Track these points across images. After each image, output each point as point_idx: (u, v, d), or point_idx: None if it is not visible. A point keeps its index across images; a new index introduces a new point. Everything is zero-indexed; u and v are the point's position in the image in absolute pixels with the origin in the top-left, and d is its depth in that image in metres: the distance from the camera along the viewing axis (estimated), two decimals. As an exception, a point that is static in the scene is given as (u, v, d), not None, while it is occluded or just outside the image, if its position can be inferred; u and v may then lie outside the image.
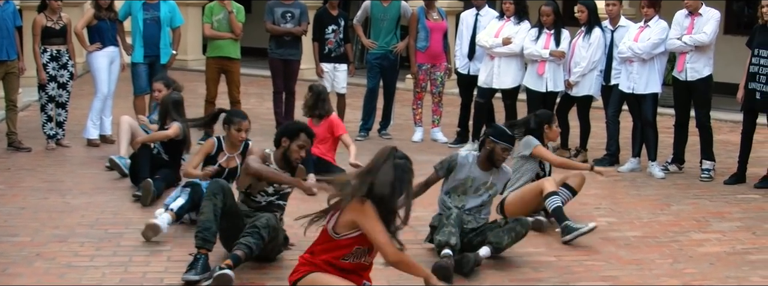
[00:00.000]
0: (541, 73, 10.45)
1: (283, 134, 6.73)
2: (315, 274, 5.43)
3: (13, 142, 10.78)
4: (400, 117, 13.01)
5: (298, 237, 6.42)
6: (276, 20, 11.79)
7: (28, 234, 7.39)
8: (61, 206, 8.27)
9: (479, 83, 11.01)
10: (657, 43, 9.75)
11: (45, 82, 10.69)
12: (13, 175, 9.54)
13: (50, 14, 10.70)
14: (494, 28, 10.79)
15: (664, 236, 7.72)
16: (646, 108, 9.90)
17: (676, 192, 9.33)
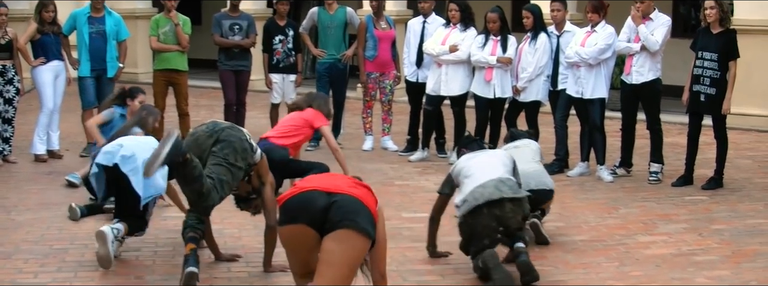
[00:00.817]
0: (489, 80, 10.47)
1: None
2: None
3: (-7, 156, 10.66)
4: (350, 126, 12.99)
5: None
6: (224, 32, 11.78)
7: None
8: (5, 223, 8.17)
9: (427, 91, 11.02)
10: (604, 49, 9.82)
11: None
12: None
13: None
14: (441, 36, 10.81)
15: (611, 239, 7.76)
16: (594, 112, 9.96)
17: (624, 195, 9.38)
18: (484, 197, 6.46)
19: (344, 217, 5.01)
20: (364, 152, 11.64)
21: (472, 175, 6.72)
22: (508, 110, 10.72)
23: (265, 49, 11.95)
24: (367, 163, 10.91)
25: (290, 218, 5.14)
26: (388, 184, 9.75)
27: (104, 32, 11.14)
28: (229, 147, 6.44)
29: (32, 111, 11.80)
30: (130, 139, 7.08)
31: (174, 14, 11.40)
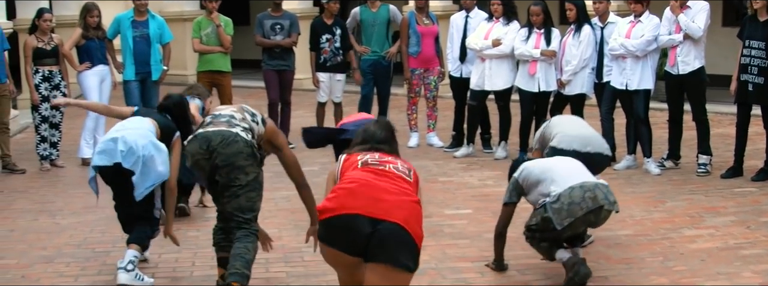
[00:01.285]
0: (533, 74, 10.37)
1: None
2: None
3: (8, 164, 10.78)
4: (395, 123, 12.66)
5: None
6: (266, 32, 11.79)
7: (14, 257, 7.36)
8: (50, 227, 8.24)
9: (471, 86, 10.93)
10: (650, 40, 9.67)
11: (37, 103, 10.69)
12: (6, 197, 9.52)
13: (41, 35, 10.72)
14: (484, 30, 10.72)
15: (655, 233, 7.62)
16: (638, 104, 9.81)
17: (671, 188, 9.22)
18: (587, 204, 6.12)
19: (386, 251, 4.76)
20: (410, 148, 11.56)
21: (558, 175, 6.33)
22: (553, 104, 10.59)
23: (312, 48, 11.94)
24: (412, 159, 10.71)
25: (330, 240, 4.92)
26: (431, 181, 9.68)
27: (148, 36, 11.21)
28: (233, 170, 5.89)
29: (79, 116, 11.89)
30: (122, 130, 6.51)
31: (216, 16, 11.44)
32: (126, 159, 6.32)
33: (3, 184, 10.18)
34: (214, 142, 5.84)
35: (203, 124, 6.12)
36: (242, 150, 5.86)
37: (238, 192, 5.88)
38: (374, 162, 5.19)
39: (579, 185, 6.17)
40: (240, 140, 5.87)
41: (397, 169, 5.17)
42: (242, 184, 5.88)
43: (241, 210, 5.92)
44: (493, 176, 9.93)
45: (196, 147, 5.91)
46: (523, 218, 6.70)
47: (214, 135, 5.88)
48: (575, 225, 6.19)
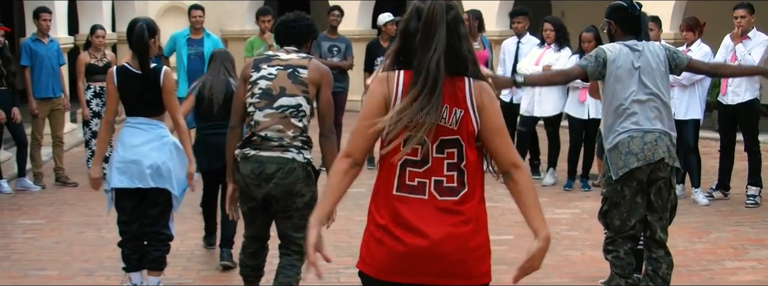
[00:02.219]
0: (583, 100, 10.32)
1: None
2: None
3: (60, 177, 10.99)
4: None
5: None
6: (323, 54, 11.90)
7: (57, 268, 7.49)
8: (94, 240, 8.37)
9: (521, 112, 10.92)
10: None
11: (88, 119, 10.88)
12: (55, 209, 9.70)
13: (94, 52, 10.91)
14: (535, 56, 10.72)
15: (697, 264, 7.53)
16: (687, 134, 9.70)
17: (718, 219, 9.11)
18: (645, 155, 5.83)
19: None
20: (459, 173, 11.54)
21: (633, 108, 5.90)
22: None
23: (366, 69, 12.05)
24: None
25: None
26: (477, 205, 9.65)
27: (202, 54, 11.35)
28: (291, 196, 5.67)
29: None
30: (136, 146, 6.31)
31: (268, 36, 11.55)
32: (155, 180, 6.29)
33: (54, 196, 10.38)
34: (269, 170, 5.59)
35: (252, 141, 5.72)
36: (299, 176, 5.63)
37: (293, 214, 5.74)
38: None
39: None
40: (297, 167, 5.62)
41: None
42: (299, 206, 5.72)
43: (294, 229, 5.76)
44: (539, 203, 9.87)
45: (248, 171, 5.63)
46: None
47: (268, 161, 5.60)
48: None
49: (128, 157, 6.29)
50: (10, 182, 10.73)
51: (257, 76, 5.66)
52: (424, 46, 3.67)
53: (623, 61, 5.84)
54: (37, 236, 8.56)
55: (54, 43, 11.06)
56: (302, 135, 5.66)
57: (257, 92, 5.63)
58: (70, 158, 11.87)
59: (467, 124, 3.69)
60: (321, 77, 5.66)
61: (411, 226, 3.66)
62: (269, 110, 5.59)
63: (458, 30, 3.71)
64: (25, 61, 10.79)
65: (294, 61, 5.66)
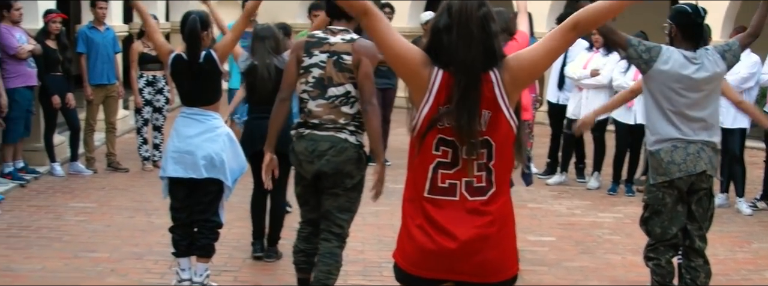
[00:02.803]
0: (630, 106, 10.33)
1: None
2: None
3: (112, 162, 11.20)
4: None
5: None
6: (373, 50, 11.98)
7: (107, 251, 7.67)
8: (144, 225, 8.54)
9: (568, 115, 10.97)
10: (746, 78, 9.58)
11: (140, 106, 11.07)
12: (107, 194, 9.89)
13: (147, 40, 11.07)
14: (583, 60, 10.76)
15: (736, 274, 7.57)
16: (733, 142, 9.72)
17: (761, 229, 9.12)
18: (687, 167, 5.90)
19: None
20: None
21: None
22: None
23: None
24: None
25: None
26: (520, 206, 9.70)
27: (255, 46, 11.47)
28: (341, 175, 5.82)
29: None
30: (191, 137, 6.43)
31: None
32: (209, 171, 6.43)
33: (105, 181, 10.58)
34: (322, 147, 5.75)
35: (307, 122, 5.84)
36: (351, 156, 5.78)
37: (340, 192, 5.87)
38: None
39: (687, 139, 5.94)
40: (349, 147, 5.78)
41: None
42: (347, 187, 5.86)
43: (339, 209, 5.89)
44: (582, 206, 9.96)
45: (303, 148, 5.81)
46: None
47: (322, 139, 5.76)
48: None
49: (182, 147, 6.43)
50: (62, 165, 10.96)
51: (309, 62, 5.77)
52: (457, 43, 3.67)
53: (675, 67, 5.81)
54: (89, 219, 8.75)
55: (110, 31, 11.27)
56: (354, 120, 5.79)
57: (311, 81, 5.77)
58: (121, 144, 12.08)
59: (500, 125, 3.69)
60: (363, 54, 5.72)
61: (441, 227, 3.69)
62: (321, 101, 5.75)
63: (489, 27, 3.70)
64: (81, 48, 11.00)
65: (339, 47, 5.74)
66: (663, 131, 5.93)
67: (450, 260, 3.69)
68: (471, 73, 3.63)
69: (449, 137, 3.67)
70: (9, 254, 7.49)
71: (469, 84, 3.63)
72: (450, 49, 3.66)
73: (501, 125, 3.69)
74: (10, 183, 9.89)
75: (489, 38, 3.69)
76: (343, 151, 5.75)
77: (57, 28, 10.37)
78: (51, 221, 8.62)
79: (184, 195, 6.59)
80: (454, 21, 3.68)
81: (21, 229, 8.29)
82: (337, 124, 5.76)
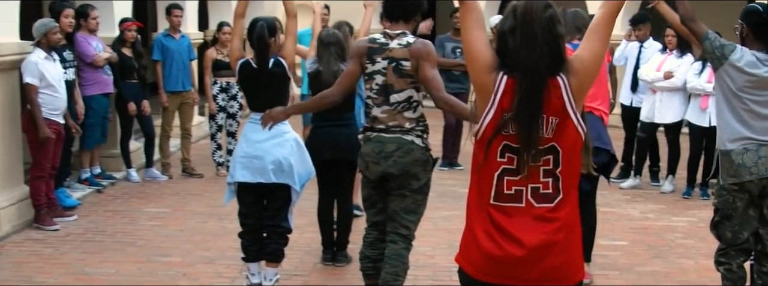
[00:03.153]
0: (705, 108, 10.21)
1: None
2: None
3: (187, 168, 11.36)
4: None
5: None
6: (446, 55, 12.01)
7: (179, 255, 7.79)
8: (217, 230, 8.65)
9: (641, 118, 10.86)
10: None
11: (214, 113, 11.21)
12: (181, 199, 10.04)
13: (221, 48, 11.21)
14: (656, 62, 10.64)
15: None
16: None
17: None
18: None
19: None
20: (577, 176, 11.53)
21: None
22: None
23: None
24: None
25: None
26: (592, 210, 9.67)
27: (327, 52, 11.56)
28: (407, 177, 5.89)
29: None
30: (259, 142, 6.52)
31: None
32: (277, 176, 6.52)
33: (180, 186, 10.74)
34: (389, 148, 5.83)
35: (374, 127, 5.93)
36: (418, 158, 5.85)
37: (407, 194, 5.92)
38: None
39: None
40: (415, 148, 5.85)
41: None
42: (414, 188, 5.91)
43: (405, 211, 5.94)
44: (655, 210, 9.85)
45: (369, 149, 5.89)
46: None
47: (389, 141, 5.85)
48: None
49: (251, 152, 6.53)
50: (138, 171, 11.15)
51: (373, 69, 5.84)
52: (521, 45, 3.62)
53: (746, 65, 5.74)
54: (162, 223, 8.89)
55: (185, 39, 11.44)
56: (419, 124, 5.88)
57: (375, 88, 5.86)
58: (196, 150, 12.26)
59: (568, 132, 3.65)
60: (419, 57, 5.73)
61: (508, 233, 3.66)
62: (385, 107, 5.84)
63: (555, 29, 3.66)
64: (157, 55, 11.19)
65: (396, 53, 5.77)
66: (734, 130, 5.84)
67: (516, 267, 3.66)
68: (534, 76, 3.58)
69: (514, 144, 3.63)
70: (84, 258, 7.65)
71: (531, 87, 3.58)
72: (514, 52, 3.62)
73: (569, 132, 3.64)
74: (87, 189, 10.10)
75: (555, 40, 3.63)
76: (409, 152, 5.82)
77: (132, 36, 10.56)
78: (126, 225, 8.79)
79: (253, 201, 6.68)
80: (518, 22, 3.65)
81: (96, 233, 8.46)
82: (403, 128, 5.84)
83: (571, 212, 3.73)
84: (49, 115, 8.43)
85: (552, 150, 3.64)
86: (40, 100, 8.34)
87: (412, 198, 5.94)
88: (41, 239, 8.20)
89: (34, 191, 8.49)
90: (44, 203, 8.54)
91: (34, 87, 8.30)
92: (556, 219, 3.65)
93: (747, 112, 5.80)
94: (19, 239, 8.21)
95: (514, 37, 3.64)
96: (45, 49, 8.49)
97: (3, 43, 8.21)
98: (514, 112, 3.59)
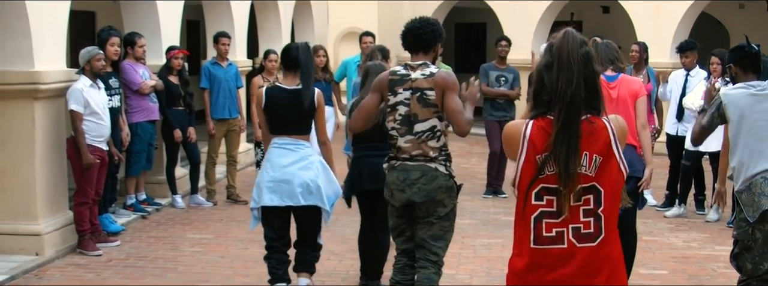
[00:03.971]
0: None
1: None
2: None
3: (232, 195, 11.46)
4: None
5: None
6: (490, 83, 12.04)
7: (218, 281, 7.86)
8: (257, 256, 8.61)
9: (686, 146, 10.77)
10: None
11: (260, 140, 11.29)
12: (224, 225, 10.13)
13: (267, 75, 11.34)
14: (701, 90, 10.54)
15: None
16: None
17: None
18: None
19: None
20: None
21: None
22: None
23: (528, 99, 12.08)
24: (620, 216, 10.76)
25: None
26: (635, 239, 9.60)
27: (371, 81, 11.64)
28: (433, 204, 5.98)
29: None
30: (285, 167, 6.75)
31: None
32: (306, 198, 6.70)
33: (224, 213, 10.83)
34: (413, 176, 5.92)
35: (398, 156, 6.04)
36: (442, 184, 5.94)
37: (433, 221, 6.00)
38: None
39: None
40: (439, 176, 5.94)
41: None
42: (440, 215, 6.00)
43: (433, 238, 6.02)
44: (699, 239, 9.75)
45: (394, 178, 5.99)
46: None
47: (413, 169, 5.94)
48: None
49: (278, 176, 6.72)
50: (184, 198, 11.27)
51: (395, 100, 5.95)
52: (558, 79, 3.73)
53: (743, 102, 5.75)
54: (204, 249, 8.97)
55: (232, 67, 11.58)
56: (442, 153, 5.98)
57: (398, 118, 5.97)
58: (242, 177, 12.36)
59: (611, 172, 3.71)
60: (444, 87, 5.82)
61: (554, 268, 3.74)
62: (409, 137, 5.93)
63: (591, 65, 3.77)
64: (204, 83, 11.34)
65: (420, 84, 5.86)
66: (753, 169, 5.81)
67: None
68: (570, 108, 3.67)
69: (553, 185, 3.69)
70: (125, 283, 7.75)
71: (567, 120, 3.67)
72: (551, 87, 3.73)
73: (612, 171, 3.71)
74: (132, 214, 10.23)
75: (591, 75, 3.75)
76: (434, 179, 5.91)
77: (179, 64, 10.71)
78: (168, 251, 8.88)
79: (280, 224, 6.88)
80: (554, 58, 3.76)
81: (138, 259, 8.56)
82: (427, 156, 5.93)
83: (614, 249, 3.79)
84: (93, 141, 8.58)
85: (593, 189, 3.70)
86: (84, 127, 8.49)
87: (440, 225, 6.01)
88: (84, 265, 8.32)
89: (77, 216, 8.62)
90: (87, 229, 8.67)
91: (79, 114, 8.45)
92: (599, 259, 3.75)
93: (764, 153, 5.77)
94: (62, 263, 8.34)
95: (551, 73, 3.74)
96: (90, 77, 8.65)
97: (49, 71, 8.39)
98: (551, 147, 3.67)
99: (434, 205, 5.95)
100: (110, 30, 9.58)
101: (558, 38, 3.81)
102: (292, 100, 6.75)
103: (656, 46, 15.11)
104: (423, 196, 5.91)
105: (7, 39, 8.23)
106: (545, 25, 18.87)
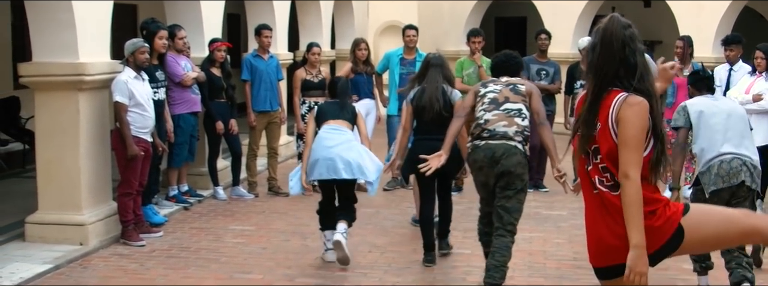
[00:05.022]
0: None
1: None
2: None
3: (273, 187, 11.50)
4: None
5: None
6: (531, 77, 11.99)
7: (261, 272, 7.89)
8: (299, 248, 8.75)
9: (729, 140, 10.69)
10: None
11: (302, 132, 11.33)
12: (266, 217, 10.17)
13: (310, 68, 11.37)
14: (745, 84, 10.45)
15: None
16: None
17: None
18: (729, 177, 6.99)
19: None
20: (662, 200, 11.40)
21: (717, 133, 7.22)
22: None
23: (567, 92, 12.08)
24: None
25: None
26: (678, 233, 9.52)
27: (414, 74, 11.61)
28: (513, 177, 6.96)
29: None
30: (330, 147, 8.02)
31: (478, 57, 11.74)
32: (348, 172, 7.94)
33: (266, 205, 10.88)
34: (498, 153, 6.92)
35: (482, 135, 7.02)
36: (521, 161, 6.97)
37: (512, 195, 7.01)
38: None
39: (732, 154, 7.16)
40: (518, 153, 6.95)
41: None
42: (518, 188, 7.03)
43: (511, 209, 7.02)
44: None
45: (482, 156, 7.00)
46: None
47: (497, 147, 6.94)
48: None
49: (325, 155, 7.98)
50: (225, 189, 11.33)
51: (485, 90, 7.22)
52: (599, 57, 4.30)
53: (704, 107, 7.31)
54: (246, 241, 9.02)
55: (273, 59, 11.61)
56: (523, 133, 7.03)
57: (486, 101, 7.13)
58: (283, 169, 12.38)
59: (606, 138, 4.28)
60: (532, 90, 7.27)
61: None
62: (497, 111, 7.04)
63: (633, 45, 4.27)
64: (245, 75, 11.39)
65: (512, 81, 7.28)
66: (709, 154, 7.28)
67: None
68: (598, 81, 4.29)
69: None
70: (168, 273, 7.80)
71: (591, 91, 4.33)
72: (593, 64, 4.32)
73: (608, 139, 4.29)
74: (174, 206, 10.31)
75: (631, 54, 4.26)
76: (513, 154, 6.92)
77: (221, 56, 10.76)
78: (210, 242, 8.93)
79: (328, 193, 8.30)
80: (598, 38, 4.33)
81: (181, 250, 8.62)
82: (509, 132, 6.96)
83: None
84: (137, 133, 8.64)
85: (598, 151, 4.41)
86: (128, 118, 8.56)
87: (516, 198, 7.03)
88: (127, 255, 8.39)
89: (121, 207, 8.70)
90: (131, 220, 8.74)
91: (124, 105, 8.52)
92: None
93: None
94: (106, 253, 8.42)
95: (594, 52, 4.31)
96: (133, 69, 8.71)
97: (93, 63, 8.46)
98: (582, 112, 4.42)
99: (514, 178, 6.94)
100: (157, 23, 9.63)
101: (604, 21, 4.35)
102: (337, 106, 8.41)
103: (698, 40, 14.95)
104: (506, 169, 6.89)
105: (52, 31, 8.31)
106: (586, 20, 18.76)
